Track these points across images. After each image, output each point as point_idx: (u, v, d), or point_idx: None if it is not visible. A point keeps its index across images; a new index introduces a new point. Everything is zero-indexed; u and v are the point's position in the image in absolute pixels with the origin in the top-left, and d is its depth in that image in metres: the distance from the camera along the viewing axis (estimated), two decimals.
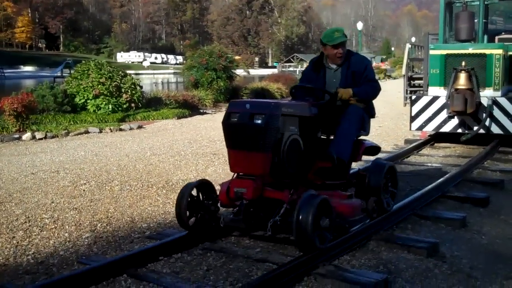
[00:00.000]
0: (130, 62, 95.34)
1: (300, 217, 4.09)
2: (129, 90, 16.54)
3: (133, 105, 16.60)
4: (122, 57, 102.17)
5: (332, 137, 5.22)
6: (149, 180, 7.58)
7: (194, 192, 4.86)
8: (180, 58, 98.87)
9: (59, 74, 50.10)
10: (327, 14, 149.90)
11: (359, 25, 43.47)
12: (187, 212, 4.78)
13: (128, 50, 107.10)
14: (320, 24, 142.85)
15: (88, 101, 15.99)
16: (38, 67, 78.37)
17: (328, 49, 5.29)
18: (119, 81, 16.53)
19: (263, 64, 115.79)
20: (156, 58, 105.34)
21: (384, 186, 5.29)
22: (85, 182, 7.51)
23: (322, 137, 5.32)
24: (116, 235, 5.29)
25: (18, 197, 6.75)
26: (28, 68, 77.43)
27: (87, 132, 13.58)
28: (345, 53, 5.30)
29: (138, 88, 17.16)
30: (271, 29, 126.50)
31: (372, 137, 5.93)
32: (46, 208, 6.22)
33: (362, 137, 5.38)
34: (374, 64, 57.02)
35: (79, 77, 16.63)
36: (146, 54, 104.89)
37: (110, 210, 6.15)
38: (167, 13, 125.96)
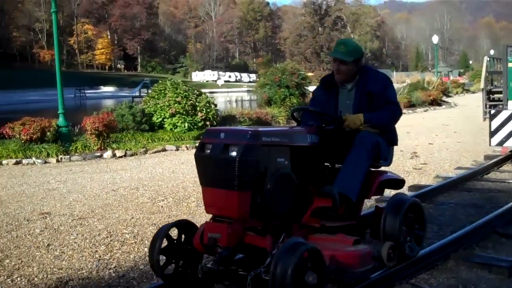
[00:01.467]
0: (205, 81, 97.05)
1: (277, 273, 3.32)
2: (204, 109, 16.87)
3: (208, 123, 16.90)
4: (197, 76, 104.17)
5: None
6: None
7: (175, 234, 4.18)
8: (253, 76, 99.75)
9: (137, 94, 51.73)
10: (401, 28, 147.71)
11: (435, 39, 42.66)
12: (161, 258, 4.07)
13: (202, 69, 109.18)
14: (394, 39, 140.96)
15: (165, 119, 16.43)
16: (117, 87, 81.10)
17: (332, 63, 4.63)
18: (194, 100, 16.90)
19: None
20: (230, 76, 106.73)
21: (406, 228, 4.41)
22: (163, 198, 7.74)
23: (336, 166, 4.50)
24: None
25: (100, 212, 7.03)
26: (108, 89, 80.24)
27: (164, 150, 13.98)
28: (349, 73, 4.50)
29: (212, 106, 17.48)
30: None
31: (450, 153, 5.72)
32: (127, 223, 6.44)
33: (383, 168, 4.61)
34: (451, 78, 55.55)
35: (156, 96, 17.14)
36: (220, 72, 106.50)
37: None
38: (240, 32, 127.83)
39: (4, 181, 9.94)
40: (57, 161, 12.54)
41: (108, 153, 13.16)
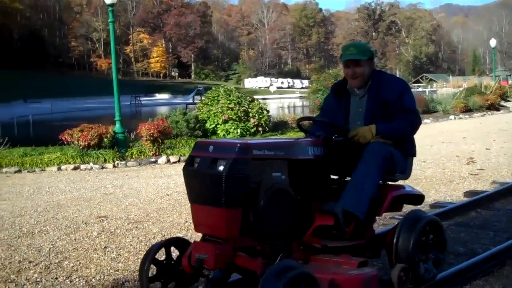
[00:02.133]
0: (257, 88, 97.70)
1: None
2: (256, 115, 16.99)
3: (260, 129, 17.01)
4: (250, 82, 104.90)
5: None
6: None
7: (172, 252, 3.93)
8: (305, 82, 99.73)
9: (190, 101, 52.56)
10: (457, 32, 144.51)
11: (493, 42, 41.61)
12: (152, 278, 3.84)
13: (255, 76, 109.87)
14: (451, 43, 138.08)
15: (218, 126, 16.63)
16: (172, 94, 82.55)
17: (343, 68, 4.30)
18: (247, 106, 17.05)
19: None
20: (282, 82, 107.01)
21: (422, 248, 3.95)
22: None
23: (346, 179, 4.13)
24: None
25: (155, 216, 7.17)
26: (162, 96, 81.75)
27: None
28: (365, 74, 4.12)
29: (265, 112, 17.59)
30: (399, 50, 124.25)
31: (508, 158, 5.46)
32: (180, 227, 6.55)
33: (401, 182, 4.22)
34: (510, 82, 53.98)
35: (209, 103, 17.38)
36: (273, 79, 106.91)
37: None
38: (292, 38, 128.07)
39: (63, 185, 10.27)
40: (114, 166, 12.87)
41: (162, 159, 13.41)
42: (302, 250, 3.77)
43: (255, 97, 19.81)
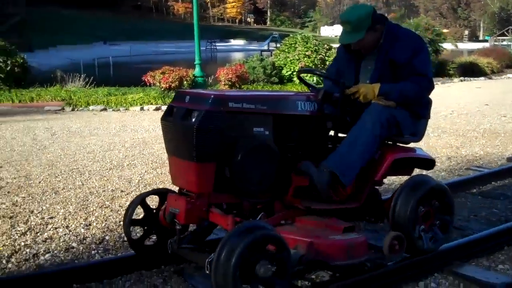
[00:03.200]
0: (333, 36, 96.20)
1: (220, 260, 2.83)
2: None
3: None
4: (326, 31, 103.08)
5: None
6: None
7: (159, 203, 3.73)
8: None
9: (265, 48, 52.34)
10: None
11: None
12: (133, 229, 3.87)
13: (331, 24, 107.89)
14: None
15: (294, 73, 16.72)
16: (246, 40, 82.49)
17: None
18: (324, 54, 17.03)
19: (473, 38, 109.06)
20: None
21: (423, 217, 3.70)
22: None
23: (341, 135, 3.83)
24: None
25: None
26: (237, 42, 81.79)
27: None
28: (370, 42, 3.73)
29: None
30: (484, 0, 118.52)
31: None
32: None
33: (413, 145, 3.93)
34: None
35: (286, 50, 17.46)
36: None
37: None
38: None
39: (147, 124, 10.78)
40: None
41: None
42: (289, 210, 3.54)
43: (332, 45, 19.67)
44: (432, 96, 3.86)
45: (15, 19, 28.05)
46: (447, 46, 27.09)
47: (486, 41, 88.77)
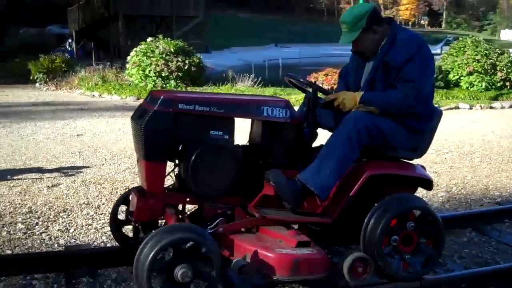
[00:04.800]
0: None
1: (140, 259, 2.89)
2: (504, 68, 16.24)
3: (507, 83, 16.27)
4: (506, 34, 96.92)
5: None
6: (510, 156, 7.77)
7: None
8: None
9: (438, 51, 50.73)
10: None
11: None
12: (121, 223, 3.87)
13: None
14: None
15: (461, 77, 16.31)
16: None
17: None
18: (495, 59, 16.37)
19: None
20: None
21: (402, 240, 3.35)
22: (447, 151, 8.11)
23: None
24: (468, 198, 5.77)
25: None
26: None
27: (457, 107, 14.01)
28: (369, 44, 3.50)
29: None
30: None
31: None
32: None
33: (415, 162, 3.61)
34: None
35: (454, 54, 17.04)
36: None
37: (467, 177, 6.63)
38: None
39: None
40: None
41: None
42: (255, 218, 3.38)
43: (511, 50, 18.74)
44: None
45: (195, 21, 30.10)
46: None
47: None
